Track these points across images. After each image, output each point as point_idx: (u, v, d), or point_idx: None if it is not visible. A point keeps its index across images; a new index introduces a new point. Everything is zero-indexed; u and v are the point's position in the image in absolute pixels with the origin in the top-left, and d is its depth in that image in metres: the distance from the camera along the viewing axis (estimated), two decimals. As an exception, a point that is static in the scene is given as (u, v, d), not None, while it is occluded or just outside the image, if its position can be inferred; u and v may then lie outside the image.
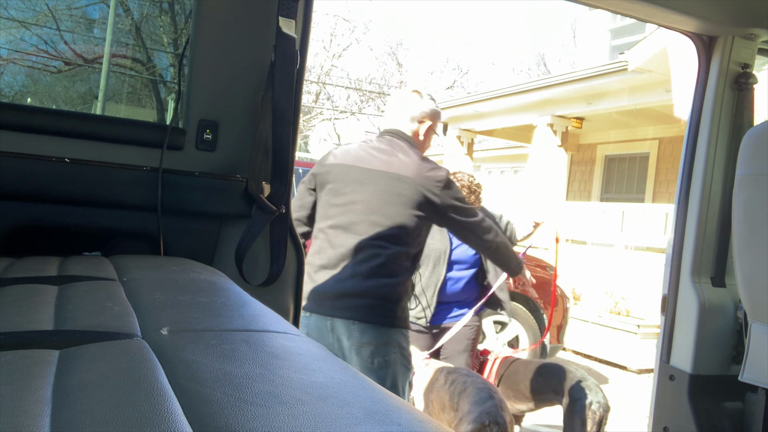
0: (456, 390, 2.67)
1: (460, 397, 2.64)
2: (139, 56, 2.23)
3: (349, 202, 2.16)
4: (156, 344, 0.59)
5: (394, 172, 2.14)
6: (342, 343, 2.09)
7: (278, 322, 0.73)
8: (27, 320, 0.69)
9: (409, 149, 2.22)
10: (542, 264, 5.54)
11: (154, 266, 1.16)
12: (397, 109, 2.33)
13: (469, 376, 2.75)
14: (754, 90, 2.44)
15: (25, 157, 1.32)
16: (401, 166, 2.15)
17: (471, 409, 2.53)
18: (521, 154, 12.43)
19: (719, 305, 2.36)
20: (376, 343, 2.08)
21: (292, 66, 1.43)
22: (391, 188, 2.13)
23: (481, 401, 2.54)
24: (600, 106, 8.81)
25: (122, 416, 0.41)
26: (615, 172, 10.68)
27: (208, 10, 1.47)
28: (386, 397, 0.49)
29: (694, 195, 2.39)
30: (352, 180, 2.18)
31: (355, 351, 2.07)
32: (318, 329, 2.11)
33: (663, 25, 2.37)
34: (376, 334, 2.09)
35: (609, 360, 6.73)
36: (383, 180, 2.14)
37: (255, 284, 1.48)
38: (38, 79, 2.10)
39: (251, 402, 0.43)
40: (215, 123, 1.49)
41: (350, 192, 2.16)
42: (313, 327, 2.12)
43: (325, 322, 2.09)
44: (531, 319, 5.24)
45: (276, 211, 1.50)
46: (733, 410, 2.32)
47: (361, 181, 2.16)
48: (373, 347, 2.08)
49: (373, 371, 2.09)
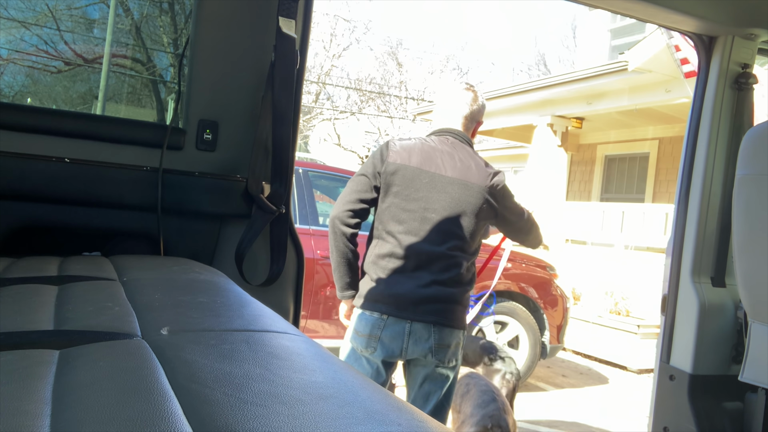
0: (459, 391, 2.67)
1: (462, 399, 2.64)
2: (139, 56, 2.23)
3: (423, 209, 2.15)
4: (156, 344, 0.59)
5: (464, 180, 2.16)
6: (417, 346, 2.12)
7: (278, 322, 0.73)
8: (27, 320, 0.69)
9: (473, 153, 2.25)
10: (542, 264, 5.54)
11: (154, 266, 1.16)
12: (454, 106, 2.29)
13: (471, 378, 2.75)
14: (754, 90, 2.44)
15: (25, 157, 1.32)
16: (470, 173, 2.18)
17: (474, 411, 2.54)
18: (521, 154, 12.43)
19: (719, 305, 2.36)
20: (453, 344, 2.16)
21: (292, 66, 1.43)
22: (463, 197, 2.15)
23: (484, 404, 2.54)
24: (600, 106, 8.81)
25: (122, 416, 0.40)
26: (615, 172, 10.68)
27: (208, 10, 1.47)
28: (386, 397, 0.49)
29: (694, 195, 2.39)
30: (424, 186, 2.16)
31: (433, 352, 2.13)
32: (393, 331, 2.11)
33: (663, 25, 2.37)
34: (452, 336, 2.16)
35: (609, 360, 6.73)
36: (455, 188, 2.15)
37: (255, 284, 1.48)
38: (38, 79, 2.10)
39: (251, 402, 0.43)
40: (215, 123, 1.49)
41: (422, 198, 2.15)
42: (388, 329, 2.11)
43: (403, 325, 2.10)
44: (531, 319, 5.24)
45: (276, 211, 1.49)
46: (733, 410, 2.32)
47: (433, 187, 2.15)
48: (450, 348, 2.16)
49: (449, 370, 2.18)
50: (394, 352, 2.11)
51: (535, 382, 5.62)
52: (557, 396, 5.33)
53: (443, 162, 2.18)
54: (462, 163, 2.19)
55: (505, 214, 2.27)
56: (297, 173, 4.97)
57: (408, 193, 2.15)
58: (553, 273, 5.50)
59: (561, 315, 5.38)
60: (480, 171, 2.19)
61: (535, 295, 5.30)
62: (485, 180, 2.18)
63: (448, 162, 2.18)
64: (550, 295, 5.36)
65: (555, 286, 5.42)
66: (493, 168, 2.25)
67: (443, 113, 2.30)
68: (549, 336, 5.30)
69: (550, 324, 5.31)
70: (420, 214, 2.15)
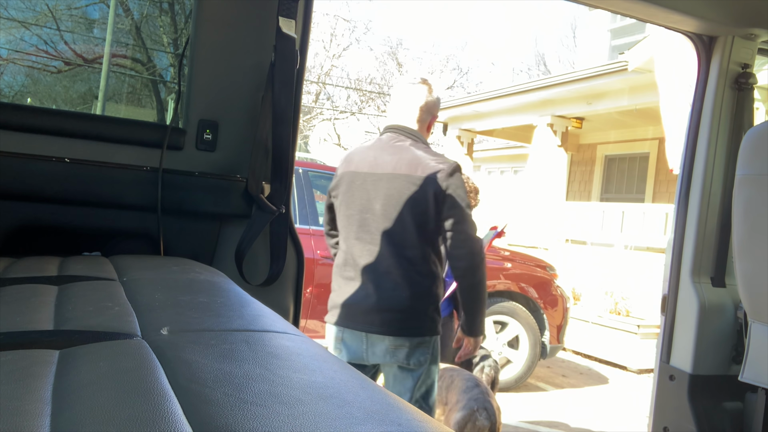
0: (443, 385, 2.74)
1: (447, 391, 2.71)
2: (139, 56, 2.23)
3: (360, 211, 2.10)
4: (156, 344, 0.59)
5: (399, 173, 2.05)
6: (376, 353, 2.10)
7: (278, 322, 0.73)
8: (27, 320, 0.69)
9: (418, 146, 2.11)
10: (542, 264, 5.54)
11: (154, 266, 1.16)
12: (406, 101, 2.17)
13: (454, 371, 2.82)
14: (755, 90, 2.44)
15: (25, 157, 1.32)
16: (407, 165, 2.05)
17: (459, 398, 2.61)
18: (521, 154, 12.42)
19: (719, 305, 2.36)
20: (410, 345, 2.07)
21: (292, 66, 1.43)
22: (399, 190, 2.04)
23: (468, 389, 2.62)
24: (600, 106, 8.81)
25: (122, 416, 0.41)
26: (615, 172, 10.68)
27: (208, 11, 1.47)
28: (386, 397, 0.49)
29: (694, 195, 2.39)
30: (359, 188, 2.10)
31: (391, 355, 2.07)
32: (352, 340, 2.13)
33: (663, 25, 2.37)
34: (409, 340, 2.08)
35: (609, 360, 6.73)
36: (390, 183, 2.05)
37: (255, 284, 1.48)
38: (38, 79, 2.10)
39: (251, 402, 0.43)
40: (215, 123, 1.49)
41: (358, 200, 2.10)
42: (347, 338, 2.13)
43: (359, 335, 2.10)
44: (531, 319, 5.24)
45: (276, 211, 1.49)
46: (733, 410, 2.32)
47: (369, 187, 2.08)
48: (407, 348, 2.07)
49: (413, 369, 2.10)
50: (360, 356, 2.12)
51: (535, 382, 5.62)
52: (557, 396, 5.33)
53: (380, 160, 2.09)
54: (400, 157, 2.07)
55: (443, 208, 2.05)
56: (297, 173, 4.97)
57: (346, 199, 2.13)
58: (553, 273, 5.50)
59: (561, 315, 5.38)
60: (421, 162, 2.05)
61: (535, 295, 5.30)
62: (425, 170, 2.03)
63: (387, 159, 2.08)
64: (550, 295, 5.36)
65: (555, 286, 5.42)
66: (443, 159, 2.09)
67: (394, 108, 2.21)
68: (549, 336, 5.30)
69: (550, 324, 5.31)
70: (358, 217, 2.10)
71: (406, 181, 2.04)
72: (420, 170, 2.04)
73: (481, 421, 2.52)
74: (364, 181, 2.10)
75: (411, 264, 2.05)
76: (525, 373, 5.25)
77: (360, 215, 2.10)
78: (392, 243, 2.05)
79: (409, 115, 2.16)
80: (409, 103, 2.16)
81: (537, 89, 9.38)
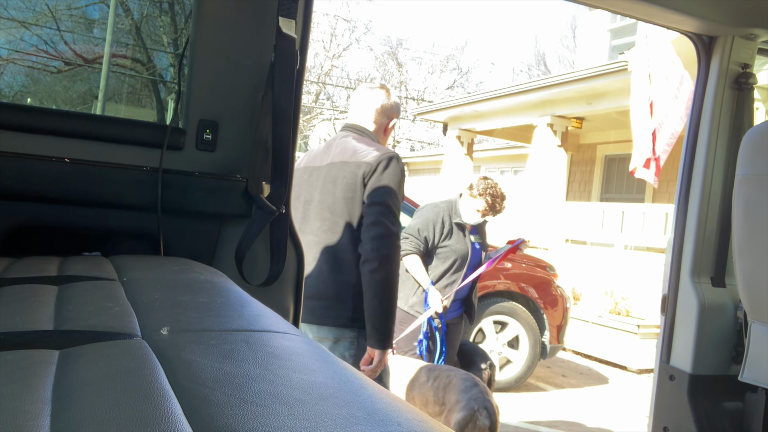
0: (440, 385, 2.74)
1: (445, 391, 2.71)
2: (139, 56, 2.23)
3: (303, 203, 2.19)
4: (156, 344, 0.59)
5: (336, 162, 2.13)
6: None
7: (278, 322, 0.73)
8: (27, 320, 0.69)
9: (361, 140, 2.15)
10: (542, 264, 5.54)
11: (154, 266, 1.16)
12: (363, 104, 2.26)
13: (451, 371, 2.83)
14: (755, 90, 2.44)
15: (25, 157, 1.32)
16: (341, 151, 2.13)
17: (459, 398, 2.61)
18: (521, 155, 12.43)
19: (719, 305, 2.36)
20: (332, 337, 2.07)
21: (292, 66, 1.43)
22: (334, 176, 2.10)
23: (467, 389, 2.62)
24: (600, 106, 8.81)
25: (122, 416, 0.40)
26: (615, 172, 10.68)
27: (208, 11, 1.47)
28: (386, 397, 0.49)
29: (694, 195, 2.39)
30: (305, 182, 2.21)
31: None
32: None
33: (663, 25, 2.37)
34: (330, 332, 2.07)
35: (609, 360, 6.73)
36: (328, 172, 2.13)
37: (255, 284, 1.48)
38: (38, 79, 2.10)
39: (251, 402, 0.43)
40: (215, 123, 1.49)
41: (303, 193, 2.20)
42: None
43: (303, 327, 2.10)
44: (531, 319, 5.24)
45: (276, 211, 1.49)
46: (733, 410, 2.31)
47: (311, 179, 2.19)
48: (331, 342, 2.07)
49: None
50: None
51: (535, 382, 5.62)
52: (557, 396, 5.33)
53: (325, 153, 2.18)
54: (342, 148, 2.13)
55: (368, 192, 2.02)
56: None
57: (296, 193, 2.17)
58: (553, 273, 5.50)
59: (561, 315, 5.38)
60: (357, 149, 2.08)
61: (535, 295, 5.30)
62: (358, 156, 2.06)
63: (330, 152, 2.17)
64: (550, 295, 5.36)
65: (555, 286, 5.42)
66: (381, 148, 2.10)
67: (352, 110, 2.32)
68: (549, 336, 5.30)
69: (550, 324, 5.31)
70: (302, 209, 2.17)
71: (340, 168, 2.10)
72: (354, 156, 2.09)
73: (482, 420, 2.52)
74: (310, 175, 2.20)
75: (338, 250, 2.06)
76: (525, 373, 5.25)
77: (303, 207, 2.17)
78: (323, 230, 2.10)
79: (365, 116, 2.25)
80: (366, 105, 2.26)
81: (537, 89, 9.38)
